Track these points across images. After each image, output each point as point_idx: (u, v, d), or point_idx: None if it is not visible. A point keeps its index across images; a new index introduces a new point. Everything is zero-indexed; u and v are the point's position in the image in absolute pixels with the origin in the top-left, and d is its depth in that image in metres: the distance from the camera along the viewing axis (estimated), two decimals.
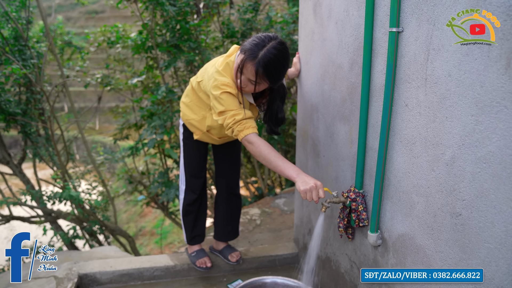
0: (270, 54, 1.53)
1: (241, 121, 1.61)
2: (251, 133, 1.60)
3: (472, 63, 0.92)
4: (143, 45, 4.16)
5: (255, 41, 1.57)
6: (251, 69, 1.55)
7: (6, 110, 3.78)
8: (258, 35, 1.61)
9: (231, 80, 1.66)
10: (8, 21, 4.17)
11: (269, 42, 1.56)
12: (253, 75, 1.56)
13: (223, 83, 1.64)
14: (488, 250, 0.91)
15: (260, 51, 1.53)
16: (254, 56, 1.53)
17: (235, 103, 1.64)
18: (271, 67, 1.55)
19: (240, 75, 1.60)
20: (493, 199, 0.89)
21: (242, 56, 1.58)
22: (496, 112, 0.86)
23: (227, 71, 1.69)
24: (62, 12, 25.10)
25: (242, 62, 1.57)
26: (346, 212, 1.56)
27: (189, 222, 2.26)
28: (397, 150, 1.26)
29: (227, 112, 1.63)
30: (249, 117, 1.63)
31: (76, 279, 2.14)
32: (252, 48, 1.55)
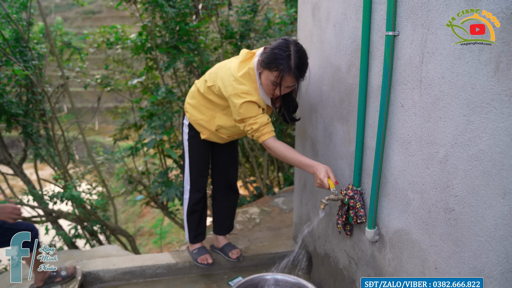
0: (300, 59, 1.65)
1: (258, 128, 1.75)
2: (269, 138, 1.75)
3: (464, 66, 0.97)
4: (142, 46, 4.20)
5: (278, 54, 1.65)
6: (291, 79, 1.67)
7: (8, 111, 3.81)
8: (273, 46, 1.70)
9: (250, 87, 1.76)
10: (9, 22, 4.20)
11: (288, 48, 1.65)
12: (294, 82, 1.70)
13: (243, 92, 1.74)
14: (479, 243, 0.96)
15: (290, 61, 1.63)
16: (288, 68, 1.64)
17: (254, 110, 1.76)
18: (305, 68, 1.70)
19: (280, 87, 1.71)
20: (483, 194, 0.94)
21: (274, 72, 1.66)
22: (486, 113, 0.91)
23: (246, 78, 1.78)
24: (59, 12, 25.04)
25: (279, 77, 1.66)
26: (345, 209, 1.61)
27: (194, 221, 2.30)
28: (394, 149, 1.31)
29: (246, 120, 1.77)
30: (266, 123, 1.76)
31: (80, 277, 2.18)
32: (280, 61, 1.64)
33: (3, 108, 3.77)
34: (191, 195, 2.24)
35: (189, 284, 2.29)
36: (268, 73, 1.69)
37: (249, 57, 1.85)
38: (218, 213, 2.38)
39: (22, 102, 4.50)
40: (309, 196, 2.22)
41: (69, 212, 4.24)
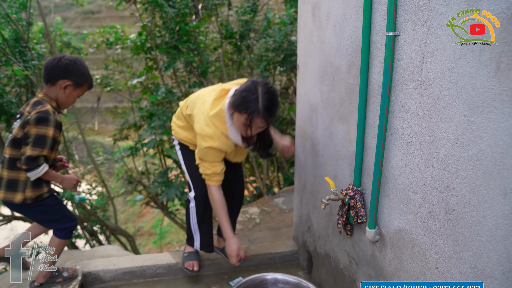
0: (268, 100, 1.69)
1: (210, 174, 1.92)
2: (214, 185, 1.96)
3: (465, 66, 0.97)
4: (142, 46, 4.20)
5: (246, 97, 1.69)
6: (261, 121, 1.71)
7: (8, 111, 3.81)
8: (241, 89, 1.74)
9: (217, 130, 1.84)
10: (8, 22, 4.20)
11: (257, 90, 1.69)
12: (264, 123, 1.74)
13: (207, 135, 1.83)
14: (480, 243, 0.97)
15: (258, 103, 1.67)
16: (257, 111, 1.67)
17: (213, 156, 1.89)
18: (274, 109, 1.73)
19: (250, 129, 1.76)
20: (484, 194, 0.94)
21: (244, 115, 1.70)
22: (487, 113, 0.92)
23: (217, 118, 1.84)
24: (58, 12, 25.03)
25: (248, 120, 1.70)
26: (345, 209, 1.61)
27: (207, 227, 2.23)
28: (394, 149, 1.32)
29: (203, 162, 1.92)
30: (218, 173, 1.93)
31: (80, 277, 2.18)
32: (248, 104, 1.67)
33: (3, 108, 3.77)
34: (198, 203, 2.15)
35: (189, 284, 2.29)
36: (238, 115, 1.74)
37: (222, 95, 1.89)
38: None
39: (22, 102, 4.50)
40: (309, 196, 2.22)
41: None
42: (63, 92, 1.93)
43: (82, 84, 1.97)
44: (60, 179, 1.98)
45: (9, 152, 1.88)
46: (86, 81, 1.98)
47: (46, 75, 1.92)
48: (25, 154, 1.79)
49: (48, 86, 1.93)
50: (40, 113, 1.81)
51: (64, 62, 1.89)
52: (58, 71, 1.89)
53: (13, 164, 1.86)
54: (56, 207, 2.01)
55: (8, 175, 1.88)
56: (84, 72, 1.96)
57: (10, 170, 1.88)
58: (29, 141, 1.80)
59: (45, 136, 1.82)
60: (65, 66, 1.89)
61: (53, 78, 1.90)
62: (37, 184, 1.90)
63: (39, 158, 1.82)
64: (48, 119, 1.82)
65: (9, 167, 1.88)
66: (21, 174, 1.87)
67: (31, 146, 1.79)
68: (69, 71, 1.90)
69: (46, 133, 1.82)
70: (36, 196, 1.91)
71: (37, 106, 1.86)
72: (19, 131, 1.84)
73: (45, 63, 1.95)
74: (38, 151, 1.80)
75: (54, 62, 1.90)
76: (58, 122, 1.86)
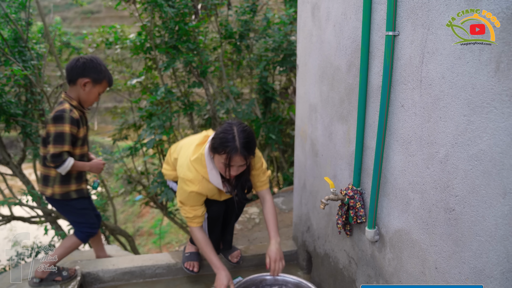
0: (244, 138, 1.76)
1: (191, 217, 1.98)
2: (195, 226, 2.01)
3: (464, 66, 0.97)
4: (142, 46, 4.20)
5: (223, 138, 1.76)
6: (239, 158, 1.76)
7: (7, 111, 3.80)
8: (218, 132, 1.81)
9: (198, 174, 1.90)
10: (8, 22, 4.19)
11: (232, 130, 1.77)
12: (243, 161, 1.78)
13: (188, 179, 1.90)
14: (479, 243, 0.96)
15: (236, 142, 1.74)
16: (235, 149, 1.73)
17: (194, 201, 1.95)
18: (252, 145, 1.80)
19: (229, 168, 1.80)
20: (484, 194, 0.94)
21: (223, 155, 1.76)
22: (486, 113, 0.92)
23: (198, 163, 1.91)
24: (57, 12, 25.01)
25: (227, 159, 1.76)
26: (345, 209, 1.61)
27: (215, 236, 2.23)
28: (394, 149, 1.32)
29: (184, 206, 1.97)
30: (199, 216, 1.99)
31: (79, 277, 2.17)
32: (227, 144, 1.74)
33: (2, 108, 3.76)
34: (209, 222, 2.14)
35: (188, 284, 2.29)
36: (218, 157, 1.80)
37: (204, 140, 1.97)
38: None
39: (21, 102, 4.49)
40: (308, 196, 2.22)
41: None
42: (83, 90, 2.06)
43: (101, 81, 2.09)
44: (88, 167, 2.14)
45: (42, 151, 2.07)
46: (104, 77, 2.10)
47: (67, 76, 2.07)
48: (49, 153, 1.96)
49: (71, 86, 2.08)
50: (57, 112, 1.97)
51: (81, 61, 2.04)
52: (76, 70, 2.03)
53: (45, 161, 2.06)
54: (82, 211, 2.18)
55: (42, 171, 2.10)
56: (101, 69, 2.08)
57: (44, 167, 2.09)
58: (50, 140, 1.96)
59: (63, 133, 1.96)
60: (83, 65, 2.03)
61: (73, 77, 2.05)
62: (65, 181, 2.08)
63: (62, 154, 1.97)
64: (63, 116, 1.96)
65: (43, 164, 2.10)
66: (52, 171, 2.06)
67: (52, 144, 1.96)
68: (86, 69, 2.04)
69: (63, 130, 1.96)
70: (63, 193, 2.09)
71: (57, 106, 2.03)
72: (43, 131, 2.01)
73: (66, 66, 2.10)
74: (59, 148, 1.96)
75: (73, 62, 2.05)
76: (73, 119, 1.99)
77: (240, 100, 5.41)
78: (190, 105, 4.52)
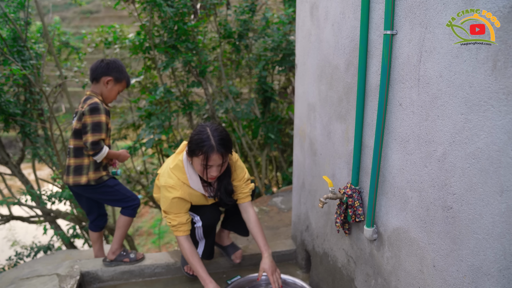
0: (219, 135, 1.79)
1: (176, 225, 1.97)
2: (181, 235, 1.99)
3: (462, 65, 0.98)
4: (141, 46, 4.20)
5: (198, 139, 1.79)
6: (217, 156, 1.78)
7: (6, 110, 3.80)
8: (192, 135, 1.84)
9: (179, 180, 1.93)
10: (6, 22, 4.19)
11: (206, 130, 1.81)
12: (220, 158, 1.80)
13: (169, 185, 1.92)
14: (477, 241, 0.97)
15: (211, 140, 1.77)
16: (211, 147, 1.76)
17: (178, 207, 1.95)
18: (227, 142, 1.82)
19: (207, 168, 1.81)
20: (481, 192, 0.94)
21: (200, 156, 1.78)
22: (484, 111, 0.92)
23: (177, 169, 1.94)
24: (56, 12, 24.99)
25: (205, 159, 1.77)
26: (343, 208, 1.61)
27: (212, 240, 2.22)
28: (392, 147, 1.32)
29: (168, 214, 1.98)
30: (184, 223, 1.97)
31: (78, 276, 2.17)
32: (202, 144, 1.77)
33: (1, 107, 3.76)
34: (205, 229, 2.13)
35: (187, 284, 2.29)
36: (196, 159, 1.82)
37: (183, 149, 2.00)
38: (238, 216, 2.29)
39: (20, 102, 4.49)
40: (307, 195, 2.23)
41: (67, 212, 4.24)
42: (105, 87, 2.31)
43: (121, 80, 2.35)
44: (118, 155, 2.41)
45: (73, 143, 2.26)
46: (124, 77, 2.35)
47: (92, 74, 2.31)
48: (88, 141, 2.15)
49: (94, 84, 2.32)
50: (92, 104, 2.19)
51: (105, 62, 2.31)
52: (101, 69, 2.28)
53: (77, 152, 2.25)
54: (116, 187, 2.32)
55: (74, 162, 2.26)
56: (122, 69, 2.34)
57: (76, 158, 2.26)
58: (88, 129, 2.16)
59: (100, 122, 2.18)
60: (106, 65, 2.29)
61: (98, 75, 2.29)
62: (97, 168, 2.27)
63: (100, 142, 2.18)
64: (99, 107, 2.20)
65: (74, 155, 2.26)
66: (85, 160, 2.25)
67: (91, 133, 2.16)
68: (109, 68, 2.29)
69: (100, 120, 2.19)
70: (98, 178, 2.26)
71: (87, 101, 2.24)
72: (77, 124, 2.23)
73: (90, 66, 2.36)
74: (97, 136, 2.17)
75: (98, 63, 2.31)
76: (107, 110, 2.25)
77: (239, 99, 5.41)
78: (189, 105, 4.52)
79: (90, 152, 2.18)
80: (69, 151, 2.28)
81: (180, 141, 4.44)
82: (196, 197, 2.01)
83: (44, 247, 3.73)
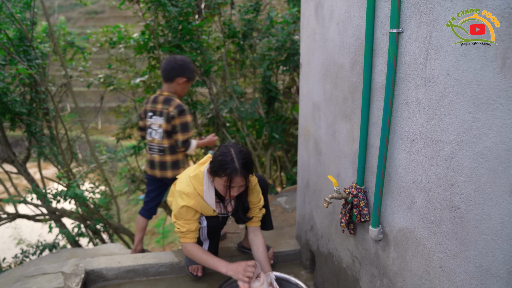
0: (243, 159, 1.82)
1: (184, 232, 2.00)
2: (189, 242, 2.03)
3: (470, 63, 0.96)
4: (145, 45, 4.20)
5: (222, 160, 1.82)
6: (240, 179, 1.82)
7: (12, 109, 3.82)
8: (216, 155, 1.87)
9: (195, 190, 1.96)
10: (13, 22, 4.21)
11: (230, 152, 1.83)
12: (243, 180, 1.85)
13: (184, 192, 1.95)
14: (485, 242, 0.96)
15: (234, 163, 1.80)
16: (235, 170, 1.79)
17: (188, 215, 1.98)
18: (250, 165, 1.86)
19: (230, 189, 1.86)
20: (489, 192, 0.93)
21: (224, 177, 1.81)
22: (492, 110, 0.91)
23: (196, 179, 1.97)
24: (62, 12, 25.14)
25: (228, 181, 1.81)
26: (348, 207, 1.60)
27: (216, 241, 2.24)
28: (398, 147, 1.31)
29: (178, 220, 2.00)
30: (192, 230, 2.01)
31: (83, 274, 2.18)
32: (226, 166, 1.80)
33: (7, 106, 3.77)
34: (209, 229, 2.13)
35: (191, 283, 2.29)
36: (218, 180, 1.85)
37: (206, 160, 2.05)
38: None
39: (26, 101, 4.51)
40: (312, 195, 2.22)
41: (72, 211, 4.25)
42: (179, 87, 2.55)
43: (192, 79, 2.60)
44: (206, 142, 2.73)
45: (167, 142, 2.56)
46: (194, 76, 2.60)
47: (167, 74, 2.51)
48: (179, 140, 2.50)
49: (168, 83, 2.54)
50: (178, 107, 2.47)
51: (179, 63, 2.50)
52: (176, 70, 2.50)
53: (172, 150, 2.58)
54: None
55: (171, 158, 2.60)
56: (193, 69, 2.58)
57: (172, 155, 2.59)
58: (178, 130, 2.49)
59: (187, 122, 2.50)
60: (180, 66, 2.50)
61: (173, 76, 2.51)
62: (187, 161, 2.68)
63: (188, 139, 2.53)
64: (185, 109, 2.49)
65: (170, 153, 2.58)
66: (179, 155, 2.61)
67: (181, 133, 2.50)
68: (183, 69, 2.51)
69: (187, 120, 2.50)
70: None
71: (170, 102, 2.50)
72: (167, 125, 2.51)
73: (163, 65, 2.55)
74: (186, 135, 2.51)
75: (172, 63, 2.50)
76: (189, 110, 2.51)
77: (243, 99, 5.41)
78: (193, 104, 4.52)
79: (181, 149, 2.53)
80: (163, 149, 2.57)
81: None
82: (206, 209, 2.02)
83: (49, 245, 3.75)
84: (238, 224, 2.27)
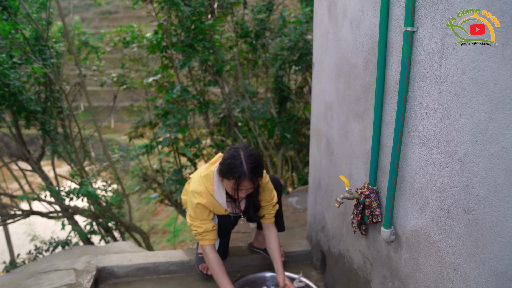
0: (252, 163, 1.80)
1: (202, 233, 1.97)
2: (208, 244, 1.99)
3: (486, 61, 0.94)
4: (158, 45, 4.23)
5: (231, 163, 1.80)
6: (248, 183, 1.81)
7: (28, 108, 3.88)
8: (225, 157, 1.85)
9: (205, 189, 1.95)
10: (29, 22, 4.28)
11: (239, 155, 1.81)
12: (251, 184, 1.83)
13: (197, 191, 1.95)
14: (501, 244, 0.93)
15: (243, 167, 1.79)
16: (243, 174, 1.78)
17: (203, 214, 1.97)
18: (259, 170, 1.84)
19: (238, 191, 1.85)
20: (506, 194, 0.91)
21: (232, 180, 1.81)
22: (509, 109, 0.88)
23: (207, 179, 1.97)
24: (76, 12, 25.51)
25: (236, 184, 1.81)
26: (360, 208, 1.59)
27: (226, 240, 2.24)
28: (411, 147, 1.29)
29: (194, 221, 1.98)
30: (210, 230, 1.98)
31: (95, 271, 2.20)
32: (234, 169, 1.79)
33: (23, 105, 3.84)
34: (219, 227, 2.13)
35: (202, 282, 2.29)
36: (227, 181, 1.85)
37: (217, 160, 2.03)
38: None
39: (41, 100, 4.58)
40: (323, 195, 2.20)
41: (85, 209, 4.30)
42: None
43: None
44: None
45: None
46: None
47: None
48: None
49: None
50: None
51: None
52: None
53: None
54: None
55: None
56: None
57: None
58: None
59: None
60: None
61: None
62: None
63: None
64: None
65: None
66: None
67: None
68: None
69: None
70: None
71: None
72: None
73: None
74: None
75: None
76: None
77: (255, 99, 5.40)
78: (205, 104, 4.54)
79: None
80: None
81: (196, 140, 4.45)
82: (218, 208, 2.02)
83: (62, 242, 3.79)
84: (249, 223, 2.25)
